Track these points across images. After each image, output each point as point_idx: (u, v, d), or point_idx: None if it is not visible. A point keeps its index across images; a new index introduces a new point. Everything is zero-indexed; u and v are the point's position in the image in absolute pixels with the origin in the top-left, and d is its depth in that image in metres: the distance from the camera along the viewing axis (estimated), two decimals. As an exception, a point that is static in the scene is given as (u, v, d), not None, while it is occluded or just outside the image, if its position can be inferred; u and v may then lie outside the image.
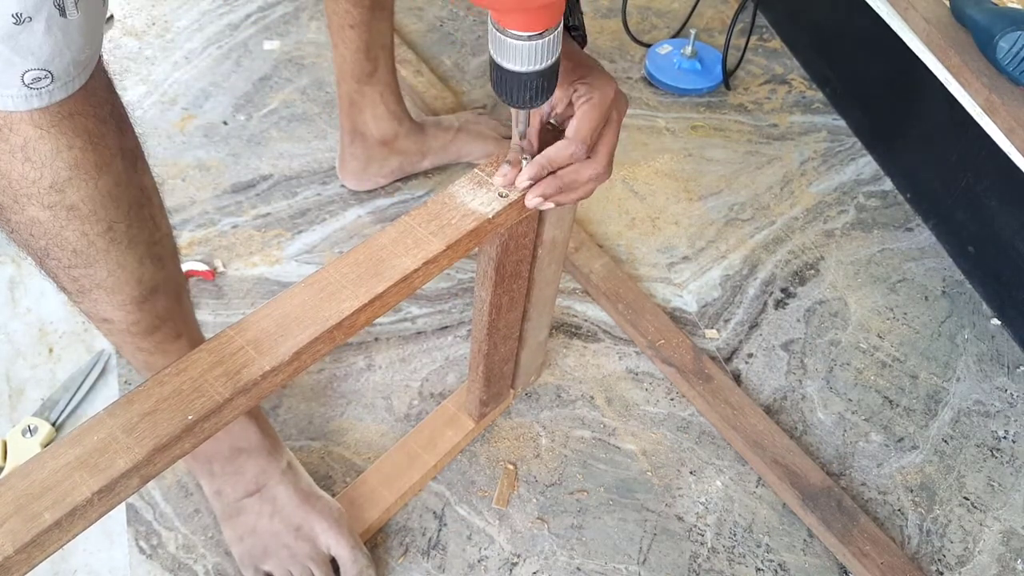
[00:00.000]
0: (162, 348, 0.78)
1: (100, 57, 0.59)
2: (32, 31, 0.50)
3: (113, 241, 0.66)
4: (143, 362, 0.80)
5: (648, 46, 1.55)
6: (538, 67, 0.58)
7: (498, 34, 0.57)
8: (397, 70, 1.45)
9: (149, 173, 0.70)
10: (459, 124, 1.32)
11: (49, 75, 0.53)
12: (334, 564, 0.90)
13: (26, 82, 0.53)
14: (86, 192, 0.62)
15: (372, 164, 1.26)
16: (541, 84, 0.60)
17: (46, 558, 0.48)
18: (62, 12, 0.51)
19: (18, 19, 0.50)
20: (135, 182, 0.67)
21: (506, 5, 0.54)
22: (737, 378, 1.11)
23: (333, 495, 0.96)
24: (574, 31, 0.76)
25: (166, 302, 0.76)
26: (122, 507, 0.96)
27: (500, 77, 0.60)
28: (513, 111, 0.66)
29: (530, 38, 0.56)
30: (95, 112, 0.60)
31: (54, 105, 0.56)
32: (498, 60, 0.59)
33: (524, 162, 0.69)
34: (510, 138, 1.30)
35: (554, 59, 0.59)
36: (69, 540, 0.48)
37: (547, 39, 0.57)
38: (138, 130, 0.69)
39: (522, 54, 0.57)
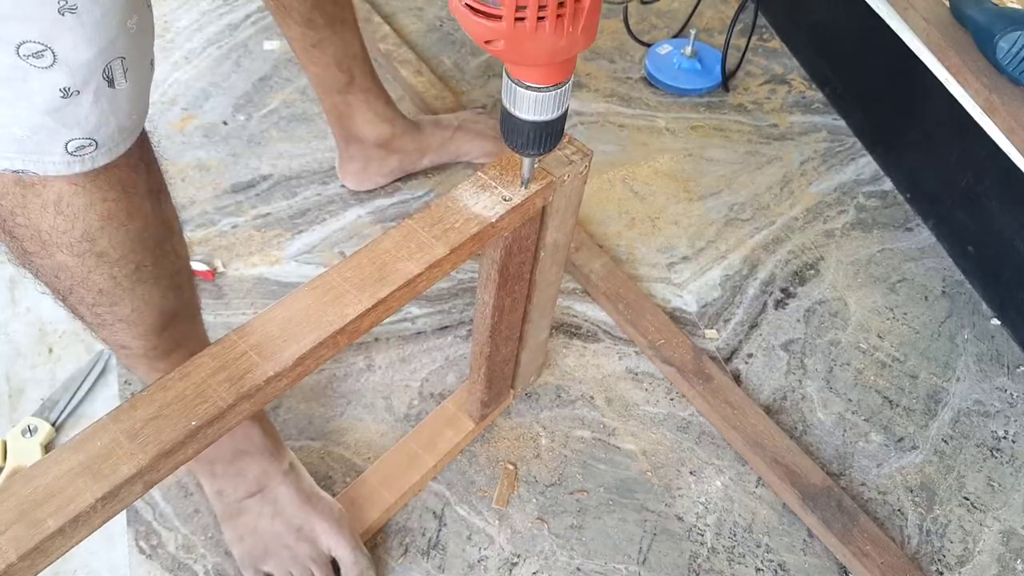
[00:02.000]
0: (177, 366, 0.78)
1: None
2: (79, 104, 0.50)
3: (139, 280, 0.66)
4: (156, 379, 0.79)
5: (648, 46, 1.55)
6: (550, 116, 0.60)
7: (513, 85, 0.59)
8: (397, 70, 1.46)
9: (171, 204, 0.70)
10: (458, 123, 1.32)
11: (94, 143, 0.53)
12: (335, 565, 0.90)
13: (69, 150, 0.52)
14: (117, 239, 0.62)
15: (371, 164, 1.27)
16: (552, 132, 0.62)
17: (49, 564, 0.48)
18: (110, 83, 0.51)
19: (66, 93, 0.49)
20: (160, 218, 0.67)
21: (533, 61, 0.55)
22: (737, 378, 1.11)
23: (333, 495, 0.96)
24: None
25: (184, 326, 0.76)
26: (123, 508, 0.96)
27: (512, 127, 0.62)
28: (523, 160, 0.67)
29: (545, 89, 0.58)
30: (127, 161, 0.59)
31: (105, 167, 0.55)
32: (512, 110, 0.60)
33: None
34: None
35: (565, 108, 0.61)
36: (73, 546, 0.48)
37: (561, 90, 0.59)
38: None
39: (537, 104, 0.59)
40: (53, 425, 1.02)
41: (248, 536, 0.89)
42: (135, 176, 0.61)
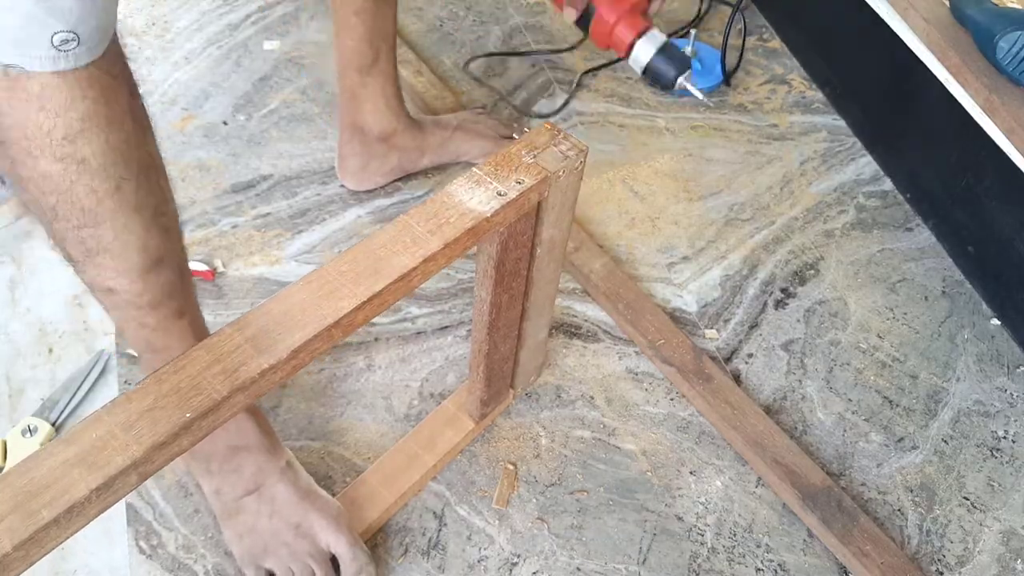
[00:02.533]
0: (165, 326, 0.78)
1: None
2: None
3: (121, 202, 0.67)
4: (145, 341, 0.79)
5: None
6: None
7: None
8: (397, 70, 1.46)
9: (157, 146, 0.72)
10: (457, 123, 1.32)
11: (76, 38, 0.55)
12: (334, 562, 0.90)
13: (55, 43, 0.55)
14: (97, 145, 0.63)
15: (372, 161, 1.26)
16: None
17: (44, 555, 0.48)
18: None
19: None
20: (144, 146, 0.69)
21: None
22: (737, 378, 1.11)
23: (333, 495, 0.96)
24: None
25: (170, 275, 0.76)
26: (122, 507, 0.96)
27: None
28: None
29: None
30: (108, 69, 0.62)
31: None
32: None
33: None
34: (508, 137, 1.28)
35: None
36: (67, 537, 0.48)
37: None
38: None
39: None
40: (53, 425, 1.02)
41: (247, 535, 0.89)
42: (116, 85, 0.63)
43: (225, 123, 1.38)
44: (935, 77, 1.15)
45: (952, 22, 1.12)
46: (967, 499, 1.02)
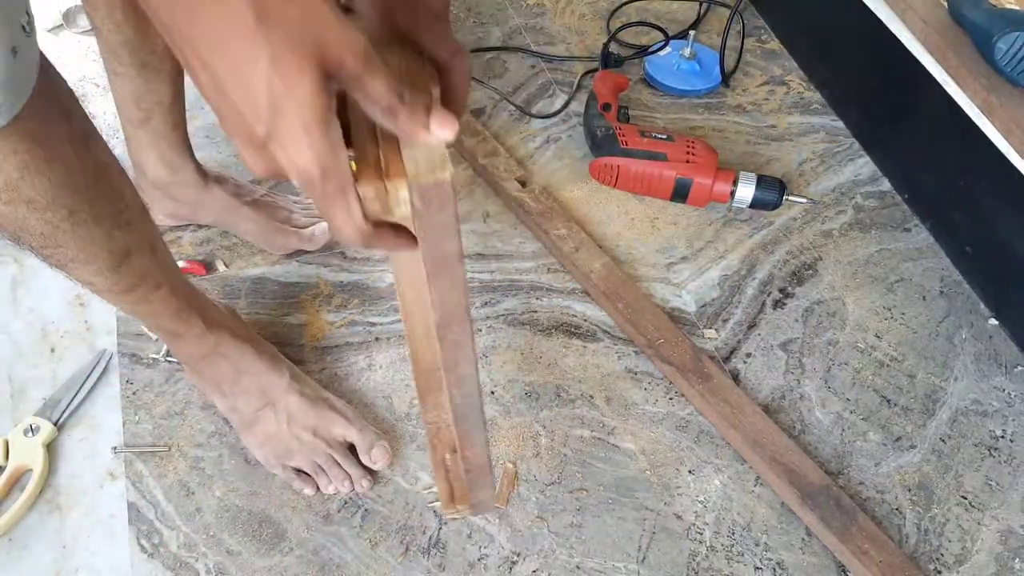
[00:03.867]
0: (146, 299, 0.86)
1: (40, 56, 0.63)
2: None
3: (77, 224, 0.71)
4: (130, 310, 0.88)
5: (648, 47, 1.55)
6: None
7: None
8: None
9: (103, 145, 0.74)
10: (254, 198, 1.21)
11: None
12: (352, 451, 1.00)
13: None
14: (40, 187, 0.66)
15: (153, 202, 1.17)
16: None
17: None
18: None
19: None
20: (89, 162, 0.71)
21: None
22: (736, 377, 1.11)
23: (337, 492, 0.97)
24: None
25: (140, 260, 0.81)
26: (124, 506, 0.97)
27: None
28: None
29: None
30: (37, 113, 0.63)
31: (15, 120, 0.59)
32: None
33: None
34: (298, 227, 1.19)
35: None
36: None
37: None
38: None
39: None
40: (55, 424, 1.02)
41: (268, 441, 0.98)
42: (48, 127, 0.65)
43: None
44: (933, 78, 1.15)
45: (950, 23, 1.13)
46: (965, 498, 1.02)
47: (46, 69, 0.65)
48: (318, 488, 0.98)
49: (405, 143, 0.49)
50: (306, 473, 0.99)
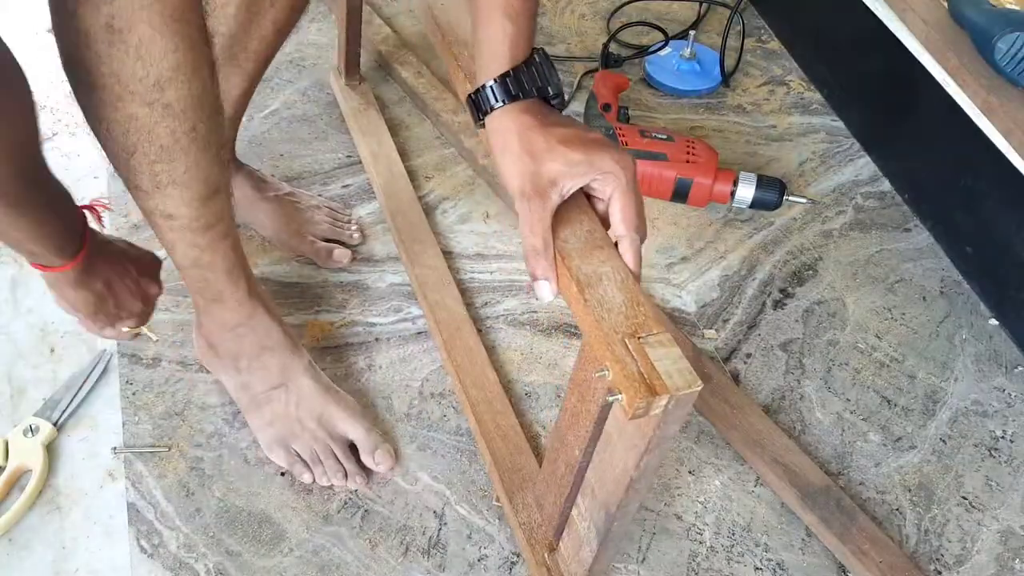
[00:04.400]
0: (213, 246, 0.87)
1: None
2: None
3: (194, 140, 0.74)
4: (193, 259, 0.88)
5: (647, 48, 1.55)
6: None
7: None
8: (398, 71, 1.46)
9: (219, 88, 0.78)
10: (275, 195, 1.21)
11: None
12: (353, 449, 1.00)
13: None
14: (182, 92, 0.70)
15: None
16: None
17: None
18: None
19: None
20: (214, 90, 0.75)
21: None
22: (736, 378, 1.11)
23: (336, 493, 0.97)
24: (554, 99, 0.79)
25: (223, 202, 0.85)
26: (123, 507, 0.97)
27: None
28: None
29: None
30: (195, 20, 0.68)
31: (167, 8, 0.63)
32: None
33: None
34: (316, 236, 1.20)
35: None
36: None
37: None
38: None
39: None
40: (55, 425, 1.02)
41: (276, 421, 0.99)
42: (200, 36, 0.69)
43: (226, 124, 1.38)
44: (933, 78, 1.15)
45: (950, 23, 1.13)
46: (965, 498, 1.02)
47: None
48: (314, 478, 0.99)
49: (657, 362, 0.61)
50: (304, 461, 0.99)
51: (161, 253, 0.95)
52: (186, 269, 0.91)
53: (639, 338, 0.63)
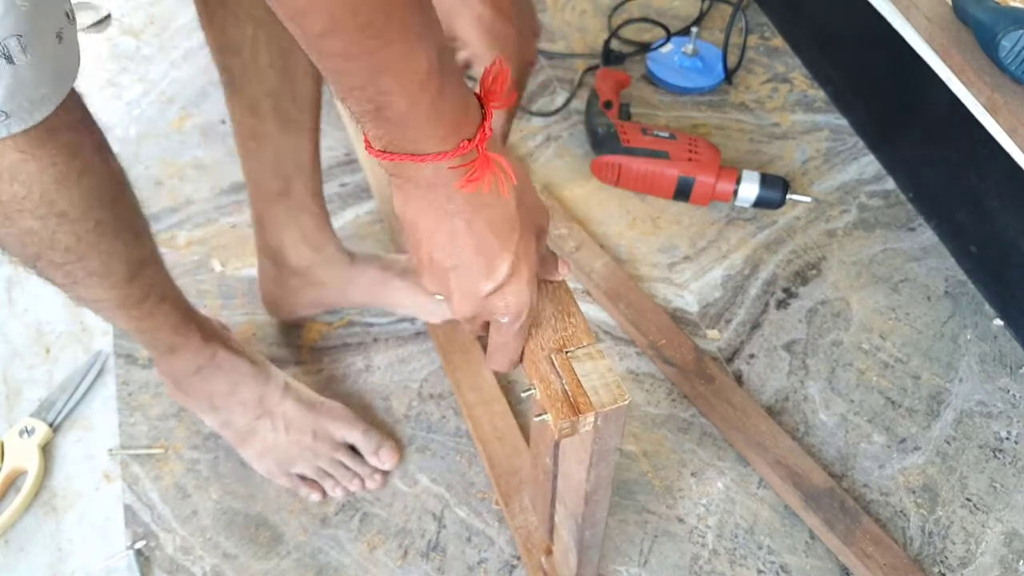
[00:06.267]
0: (150, 313, 0.84)
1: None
2: None
3: (102, 235, 0.71)
4: (134, 328, 0.87)
5: (650, 44, 1.54)
6: None
7: None
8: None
9: (115, 158, 0.74)
10: (402, 267, 1.10)
11: (3, 114, 0.56)
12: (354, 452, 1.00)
13: None
14: (74, 198, 0.67)
15: (287, 293, 1.09)
16: None
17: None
18: (8, 60, 0.54)
19: None
20: (113, 171, 0.73)
21: None
22: (739, 379, 1.10)
23: (334, 495, 0.96)
24: None
25: (151, 273, 0.82)
26: (120, 508, 0.96)
27: None
28: None
29: None
30: (69, 122, 0.64)
31: (31, 129, 0.59)
32: None
33: None
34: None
35: None
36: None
37: None
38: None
39: None
40: (50, 426, 1.01)
41: (269, 452, 0.97)
42: (79, 136, 0.66)
43: (223, 122, 1.37)
44: (937, 76, 1.14)
45: (954, 21, 1.11)
46: (969, 500, 1.01)
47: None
48: (324, 493, 0.97)
49: (583, 377, 0.61)
50: (311, 480, 0.98)
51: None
52: (132, 333, 0.89)
53: (566, 352, 0.62)
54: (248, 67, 0.85)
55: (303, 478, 0.97)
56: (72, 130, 0.64)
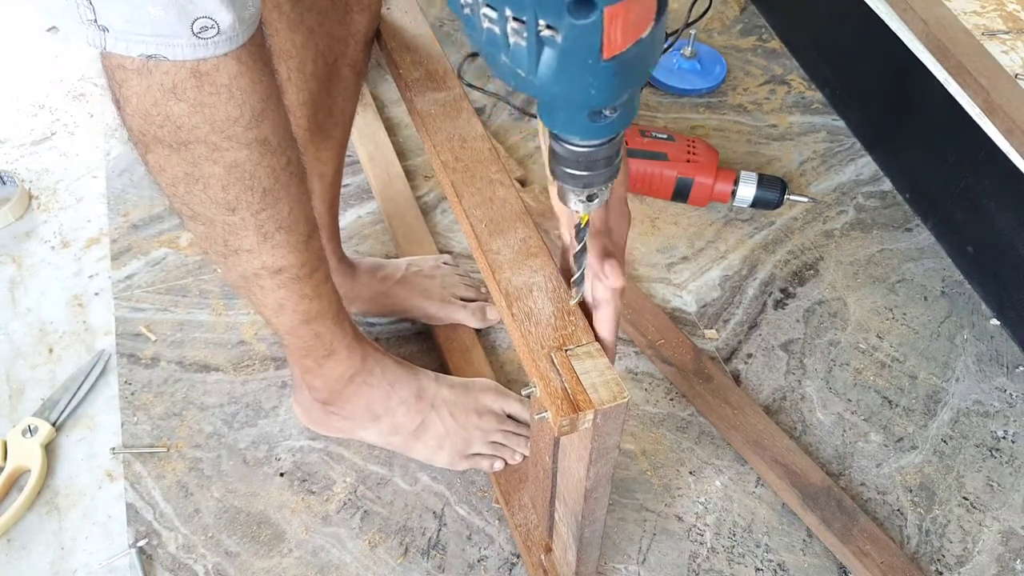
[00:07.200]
0: (319, 292, 0.83)
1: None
2: None
3: (292, 174, 0.71)
4: (304, 313, 0.83)
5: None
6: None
7: None
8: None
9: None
10: (402, 274, 1.13)
11: (216, 25, 0.56)
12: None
13: (195, 31, 0.56)
14: (274, 122, 0.66)
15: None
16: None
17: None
18: None
19: None
20: (284, 109, 0.72)
21: None
22: (736, 378, 1.11)
23: (336, 493, 0.96)
24: None
25: (319, 240, 0.80)
26: (122, 507, 0.96)
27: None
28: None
29: None
30: (261, 52, 0.63)
31: (248, 43, 0.60)
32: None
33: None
34: (462, 300, 1.13)
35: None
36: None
37: None
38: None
39: None
40: (53, 425, 1.02)
41: (444, 441, 0.99)
42: (271, 64, 0.65)
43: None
44: (934, 78, 1.15)
45: (952, 21, 1.12)
46: (966, 499, 1.02)
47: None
48: (506, 463, 0.99)
49: (583, 375, 0.61)
50: (488, 455, 0.99)
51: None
52: (296, 329, 0.85)
53: (565, 351, 0.63)
54: (293, 74, 0.86)
55: (481, 456, 0.99)
56: (264, 47, 0.64)
